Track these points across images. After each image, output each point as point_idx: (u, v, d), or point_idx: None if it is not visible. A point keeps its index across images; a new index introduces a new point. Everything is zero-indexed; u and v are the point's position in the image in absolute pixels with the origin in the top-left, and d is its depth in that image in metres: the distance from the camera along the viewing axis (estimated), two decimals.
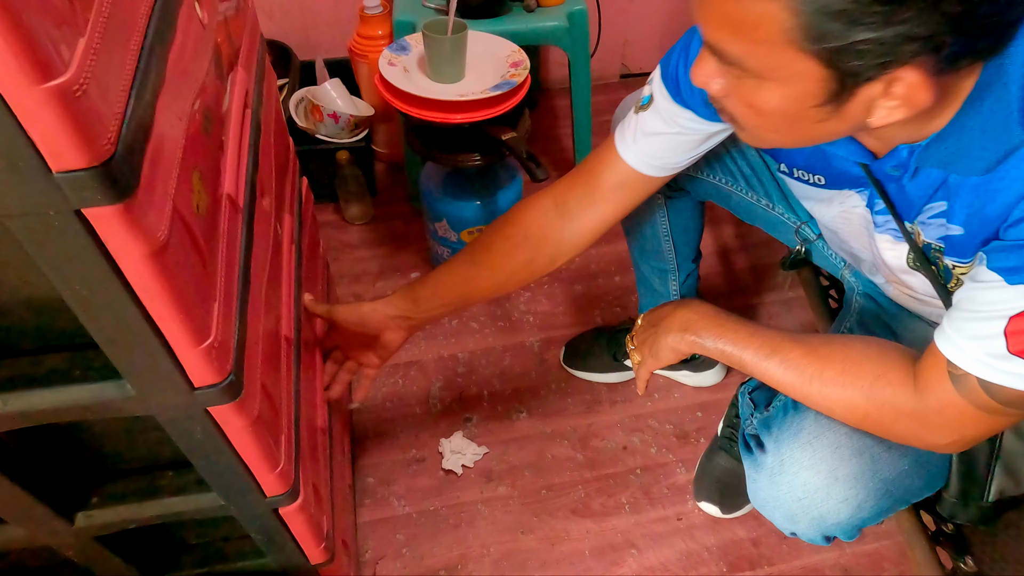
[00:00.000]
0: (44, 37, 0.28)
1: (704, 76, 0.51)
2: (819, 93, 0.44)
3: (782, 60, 0.43)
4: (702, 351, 0.65)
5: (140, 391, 0.46)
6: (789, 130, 0.50)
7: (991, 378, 0.49)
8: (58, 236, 0.34)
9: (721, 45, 0.46)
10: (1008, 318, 0.47)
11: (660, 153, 0.69)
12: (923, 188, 0.54)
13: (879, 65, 0.41)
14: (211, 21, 0.56)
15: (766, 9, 0.41)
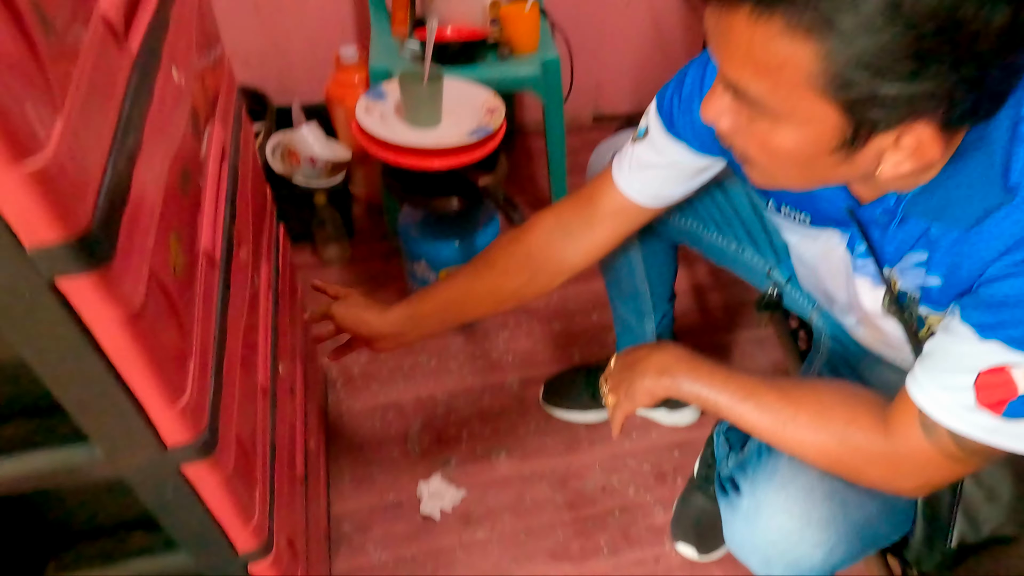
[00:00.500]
0: (20, 116, 0.29)
1: (715, 113, 0.51)
2: (833, 139, 0.45)
3: (802, 103, 0.44)
4: (677, 395, 0.66)
5: (109, 454, 0.45)
6: (800, 172, 0.51)
7: (960, 429, 0.50)
8: (30, 309, 0.34)
9: (741, 83, 0.46)
10: (978, 372, 0.49)
11: (653, 183, 0.71)
12: (907, 236, 0.55)
13: (896, 118, 0.43)
14: (187, 82, 0.57)
15: (794, 52, 0.41)
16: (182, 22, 0.57)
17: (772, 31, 0.41)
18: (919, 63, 0.39)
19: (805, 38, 0.40)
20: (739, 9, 0.42)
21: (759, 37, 0.42)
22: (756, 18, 0.41)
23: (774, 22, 0.41)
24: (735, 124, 0.50)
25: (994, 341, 0.48)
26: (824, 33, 0.39)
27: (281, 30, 1.49)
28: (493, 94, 1.14)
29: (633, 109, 1.86)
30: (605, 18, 1.68)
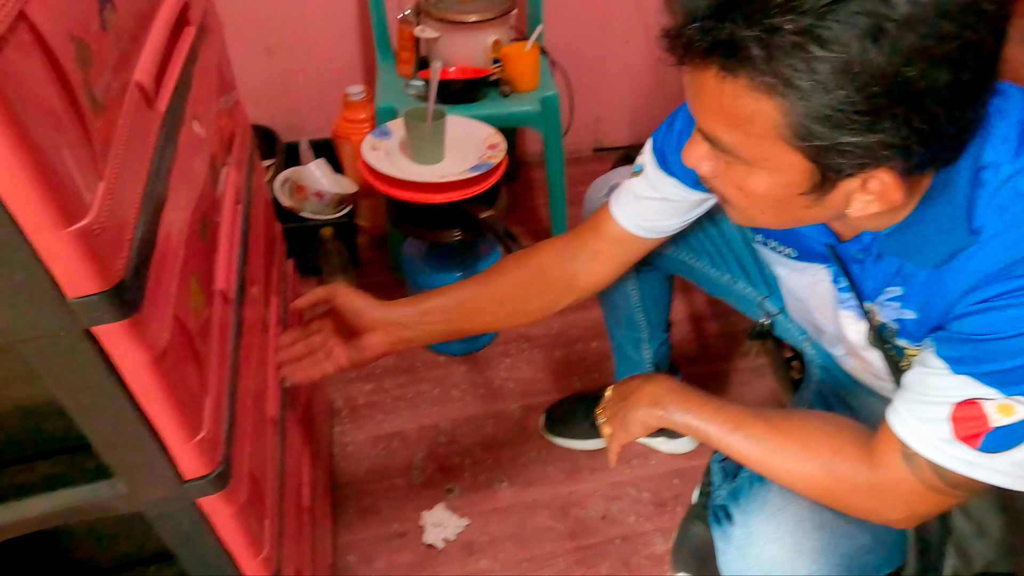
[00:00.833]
0: (70, 186, 0.32)
1: (695, 158, 0.55)
2: (803, 183, 0.48)
3: (772, 152, 0.47)
4: (670, 425, 0.69)
5: (131, 488, 0.48)
6: (775, 212, 0.54)
7: (939, 461, 0.52)
8: (67, 353, 0.37)
9: (715, 134, 0.49)
10: (953, 405, 0.51)
11: (649, 216, 0.75)
12: (883, 272, 0.58)
13: (858, 165, 0.45)
14: (207, 132, 0.61)
15: (759, 107, 0.44)
16: (203, 78, 0.61)
17: (738, 89, 0.44)
18: (872, 117, 0.42)
19: (768, 95, 0.43)
20: (707, 70, 0.45)
21: (728, 94, 0.45)
22: (723, 78, 0.45)
23: (739, 81, 0.44)
24: (714, 169, 0.54)
25: (965, 376, 0.50)
26: (783, 91, 0.43)
27: (291, 71, 1.55)
28: (494, 131, 1.19)
29: (632, 141, 1.91)
30: (604, 55, 1.74)
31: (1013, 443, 0.50)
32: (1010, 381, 0.49)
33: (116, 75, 0.40)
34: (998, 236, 0.49)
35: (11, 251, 0.31)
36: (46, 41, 0.30)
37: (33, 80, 0.30)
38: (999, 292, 0.49)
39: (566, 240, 0.81)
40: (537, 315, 0.82)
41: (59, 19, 0.32)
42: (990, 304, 0.49)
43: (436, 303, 0.78)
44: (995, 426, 0.49)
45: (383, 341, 0.77)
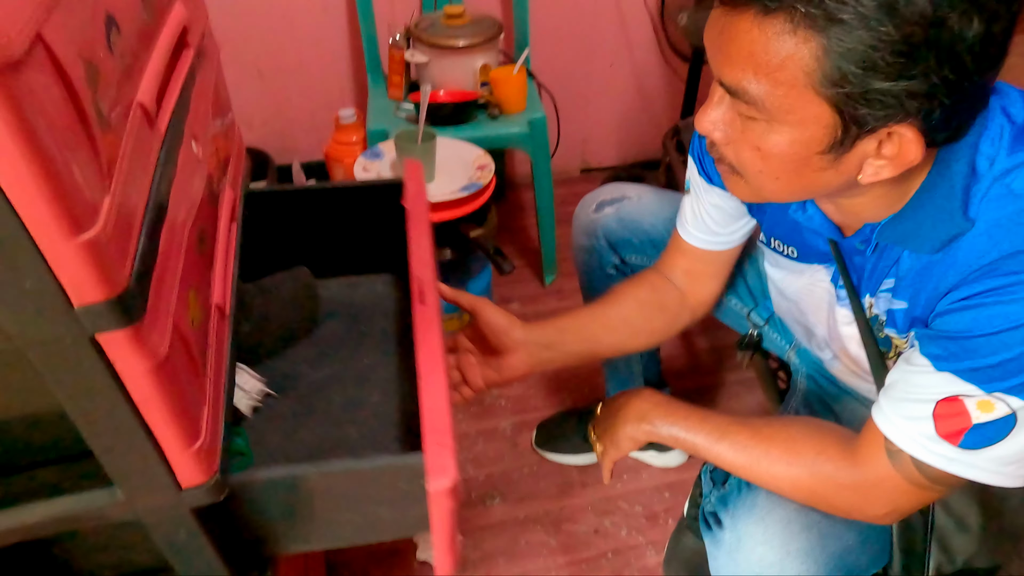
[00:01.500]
0: (79, 197, 0.34)
1: (710, 122, 0.54)
2: (824, 139, 0.49)
3: (798, 102, 0.47)
4: (658, 439, 0.70)
5: (129, 496, 0.48)
6: (789, 177, 0.53)
7: (923, 457, 0.54)
8: (72, 360, 0.38)
9: (741, 84, 0.49)
10: (935, 402, 0.53)
11: (709, 228, 0.77)
12: (881, 263, 0.60)
13: (883, 116, 0.46)
14: (204, 151, 0.63)
15: (795, 50, 0.45)
16: (201, 100, 0.63)
17: (775, 30, 0.45)
18: (906, 60, 0.43)
19: (805, 35, 0.44)
20: (746, 11, 0.46)
21: (763, 37, 0.46)
22: (762, 19, 0.45)
23: (777, 21, 0.45)
24: (727, 134, 0.54)
25: (947, 373, 0.52)
26: (823, 30, 0.43)
27: (283, 94, 1.58)
28: (483, 152, 1.21)
29: (619, 161, 1.95)
30: (590, 78, 1.78)
31: (993, 440, 0.52)
32: (989, 378, 0.50)
33: (120, 95, 0.42)
34: (985, 231, 0.51)
35: (22, 259, 0.33)
36: (59, 61, 0.32)
37: (47, 98, 0.32)
38: (980, 290, 0.51)
39: (662, 263, 0.84)
40: (661, 334, 0.84)
41: (71, 41, 0.34)
42: (971, 302, 0.51)
43: (571, 323, 0.80)
44: (976, 423, 0.51)
45: (524, 362, 0.76)
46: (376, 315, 0.88)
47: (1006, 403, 0.50)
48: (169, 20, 0.55)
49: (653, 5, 1.65)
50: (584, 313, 0.82)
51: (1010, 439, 0.51)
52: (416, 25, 1.38)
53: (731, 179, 0.58)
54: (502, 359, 0.76)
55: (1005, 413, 0.50)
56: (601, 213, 0.95)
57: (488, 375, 0.77)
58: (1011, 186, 0.50)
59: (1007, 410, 0.50)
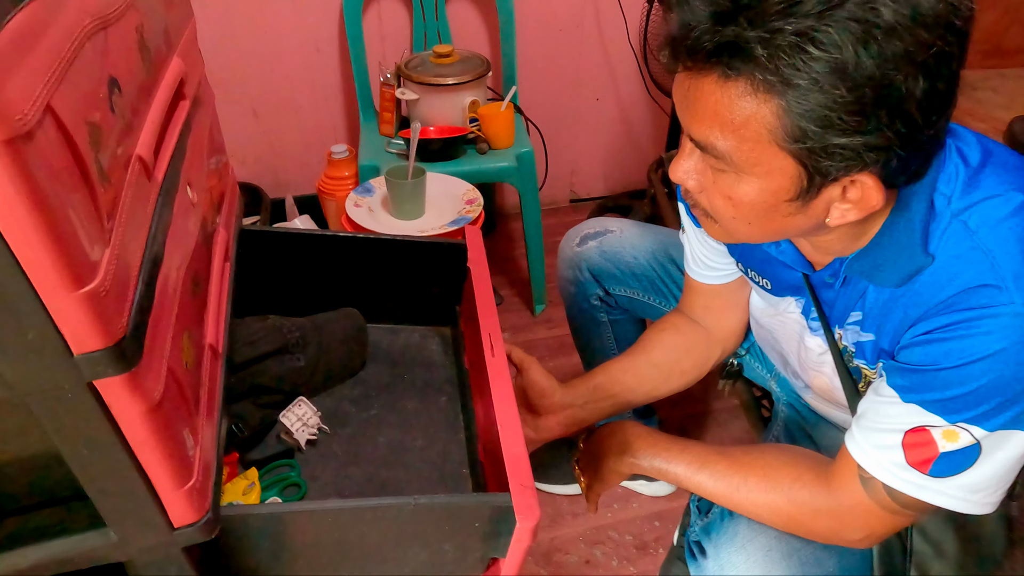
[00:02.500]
0: (81, 252, 0.36)
1: (683, 173, 0.57)
2: (791, 188, 0.51)
3: (764, 156, 0.49)
4: (640, 471, 0.72)
5: (122, 537, 0.50)
6: (760, 222, 0.55)
7: (893, 484, 0.56)
8: (70, 406, 0.40)
9: (708, 140, 0.51)
10: (904, 431, 0.55)
11: (709, 263, 0.80)
12: (849, 297, 0.63)
13: (843, 167, 0.48)
14: (199, 197, 0.65)
15: (757, 109, 0.47)
16: (196, 146, 0.65)
17: (738, 91, 0.47)
18: (860, 118, 0.45)
19: (765, 97, 0.47)
20: (709, 75, 0.48)
21: (726, 97, 0.48)
22: (724, 81, 0.48)
23: (739, 83, 0.47)
24: (700, 183, 0.57)
25: (913, 404, 0.55)
26: (781, 90, 0.46)
27: (277, 131, 1.61)
28: (472, 187, 1.24)
29: (606, 191, 1.99)
30: (577, 112, 1.83)
31: (960, 468, 0.54)
32: (952, 409, 0.53)
33: (120, 150, 0.44)
34: (944, 265, 0.54)
35: (26, 312, 0.35)
36: (66, 128, 0.35)
37: (53, 160, 0.34)
38: (941, 324, 0.53)
39: (683, 305, 0.86)
40: (692, 373, 0.85)
41: (76, 107, 0.37)
42: (933, 336, 0.54)
43: (601, 379, 0.82)
44: (943, 451, 0.53)
45: (560, 424, 0.80)
46: (416, 364, 0.93)
47: (969, 432, 0.52)
48: (167, 75, 0.58)
49: (636, 42, 1.71)
50: (615, 366, 0.83)
51: (976, 467, 0.53)
52: (406, 64, 1.42)
53: (706, 222, 0.61)
54: (539, 419, 0.80)
55: (969, 443, 0.53)
56: (585, 247, 0.97)
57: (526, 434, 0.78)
58: (967, 223, 0.53)
59: (971, 439, 0.53)
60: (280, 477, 0.76)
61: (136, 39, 0.49)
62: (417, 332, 0.99)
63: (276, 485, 0.75)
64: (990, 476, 0.54)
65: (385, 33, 1.56)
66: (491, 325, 0.77)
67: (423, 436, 0.84)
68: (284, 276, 0.93)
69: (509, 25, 1.52)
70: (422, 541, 0.61)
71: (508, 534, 0.60)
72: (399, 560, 0.63)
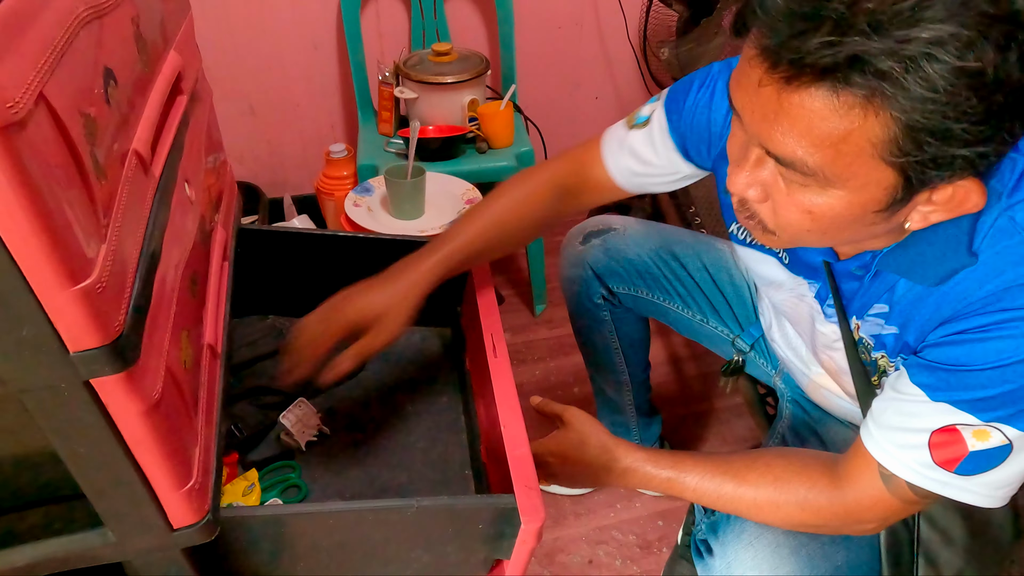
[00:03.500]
0: (76, 248, 0.35)
1: (745, 185, 0.51)
2: (884, 200, 0.46)
3: (862, 170, 0.44)
4: (642, 487, 0.70)
5: (120, 537, 0.49)
6: (836, 232, 0.51)
7: (917, 482, 0.54)
8: (66, 404, 0.39)
9: (797, 155, 0.45)
10: (931, 431, 0.53)
11: (641, 173, 0.74)
12: (877, 289, 0.60)
13: (950, 175, 0.44)
14: (197, 194, 0.64)
15: (862, 123, 0.42)
16: (194, 142, 0.64)
17: (845, 104, 0.42)
18: (985, 127, 0.40)
19: (879, 109, 0.41)
20: (810, 87, 0.42)
21: (827, 111, 0.42)
22: (831, 94, 0.41)
23: (850, 97, 0.41)
24: (765, 193, 0.51)
25: (943, 403, 0.52)
26: (900, 105, 0.40)
27: (275, 130, 1.60)
28: (471, 186, 1.23)
29: None
30: (576, 111, 1.82)
31: (988, 466, 0.52)
32: (987, 408, 0.51)
33: (116, 144, 0.43)
34: (986, 264, 0.50)
35: (20, 308, 0.34)
36: (60, 118, 0.34)
37: (47, 152, 0.33)
38: (978, 324, 0.51)
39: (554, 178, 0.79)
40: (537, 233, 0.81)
41: (71, 97, 0.36)
42: (968, 336, 0.51)
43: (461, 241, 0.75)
44: (972, 450, 0.52)
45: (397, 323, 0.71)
46: (417, 365, 0.92)
47: (1003, 432, 0.51)
48: (164, 68, 0.57)
49: (635, 40, 1.70)
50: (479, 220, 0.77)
51: (1005, 465, 0.52)
52: (405, 62, 1.41)
53: (760, 233, 0.56)
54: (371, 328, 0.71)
55: (1001, 442, 0.51)
56: (587, 245, 0.96)
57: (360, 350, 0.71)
58: (1015, 217, 0.50)
59: (1003, 439, 0.51)
60: (281, 478, 0.75)
61: (132, 30, 0.48)
62: (418, 333, 0.98)
63: (277, 486, 0.74)
64: (1016, 473, 0.52)
65: (383, 31, 1.55)
66: (493, 326, 0.76)
67: (425, 437, 0.83)
68: (283, 276, 0.92)
69: (508, 23, 1.51)
70: (425, 543, 0.60)
71: (512, 536, 0.59)
72: (402, 562, 0.62)
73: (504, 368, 0.71)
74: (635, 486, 0.70)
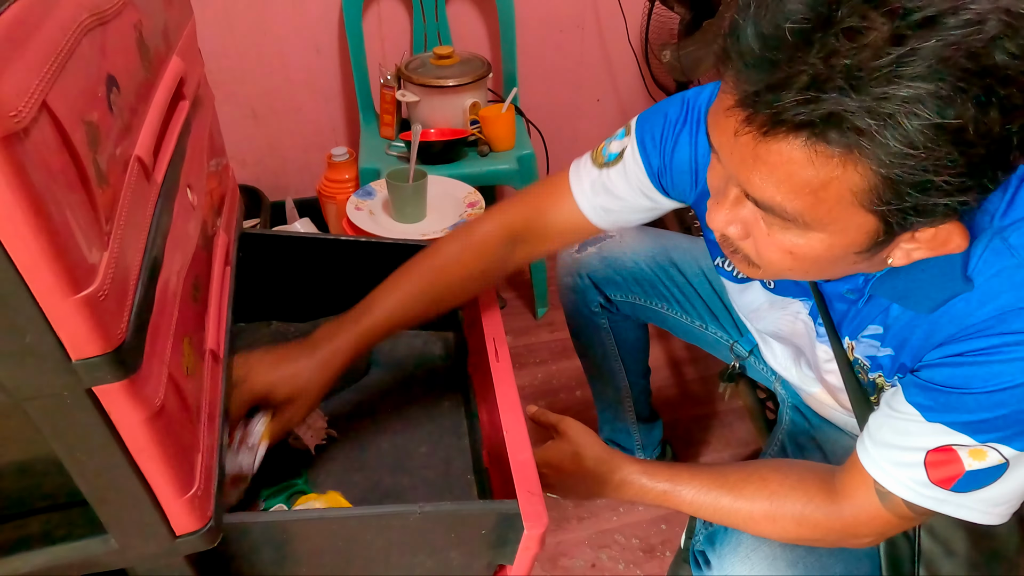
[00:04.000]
0: (78, 255, 0.35)
1: (724, 223, 0.51)
2: (865, 242, 0.46)
3: (842, 216, 0.44)
4: (638, 501, 0.70)
5: (123, 544, 0.48)
6: (818, 271, 0.51)
7: (914, 500, 0.54)
8: (68, 412, 0.39)
9: (775, 201, 0.45)
10: (926, 451, 0.53)
11: (616, 210, 0.72)
12: (869, 312, 0.60)
13: (931, 221, 0.44)
14: (199, 199, 0.64)
15: (841, 173, 0.41)
16: (196, 147, 0.64)
17: (823, 156, 0.41)
18: (966, 178, 0.40)
19: (857, 160, 0.41)
20: (787, 139, 0.42)
21: (805, 160, 0.42)
22: (810, 147, 0.41)
23: (827, 148, 0.41)
24: (746, 231, 0.51)
25: (938, 424, 0.52)
26: (878, 158, 0.40)
27: (277, 134, 1.60)
28: (473, 189, 1.23)
29: None
30: (578, 114, 1.82)
31: (983, 484, 0.52)
32: (983, 430, 0.50)
33: (118, 150, 0.43)
34: (981, 288, 0.50)
35: (22, 316, 0.34)
36: (63, 126, 0.34)
37: (50, 160, 0.33)
38: (972, 349, 0.50)
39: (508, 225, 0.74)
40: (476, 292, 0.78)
41: (74, 105, 0.36)
42: (964, 359, 0.51)
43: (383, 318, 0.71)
44: (968, 469, 0.52)
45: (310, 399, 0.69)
46: (419, 369, 0.92)
47: (999, 452, 0.51)
48: (166, 74, 0.57)
49: (637, 42, 1.70)
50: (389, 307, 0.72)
51: (1001, 482, 0.52)
52: (407, 65, 1.41)
53: (745, 267, 0.55)
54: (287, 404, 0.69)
55: (998, 461, 0.51)
56: (584, 253, 0.96)
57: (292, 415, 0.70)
58: (1008, 240, 0.49)
59: (999, 459, 0.51)
60: (286, 484, 0.75)
61: (135, 36, 0.48)
62: (420, 337, 0.98)
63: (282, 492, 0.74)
64: (1013, 489, 0.52)
65: (385, 34, 1.55)
66: (495, 330, 0.76)
67: (427, 442, 0.83)
68: (285, 280, 0.92)
69: (509, 26, 1.51)
70: (428, 549, 0.60)
71: (516, 541, 0.59)
72: (405, 568, 0.62)
73: (506, 373, 0.70)
74: (631, 499, 0.70)
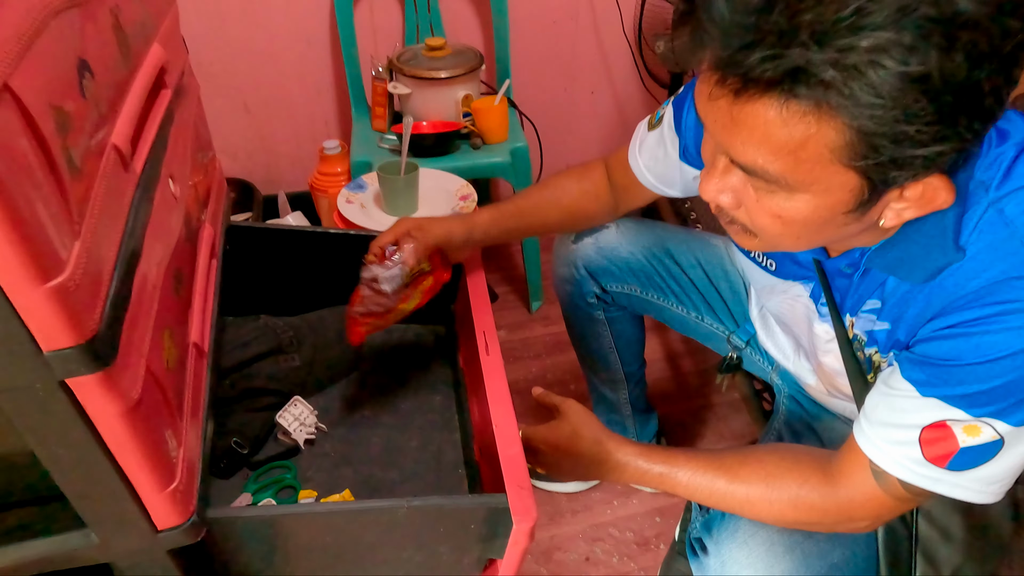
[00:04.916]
0: (47, 244, 0.34)
1: (716, 191, 0.52)
2: (850, 201, 0.46)
3: (823, 175, 0.45)
4: (633, 482, 0.70)
5: (104, 539, 0.48)
6: (809, 236, 0.52)
7: (909, 479, 0.54)
8: (42, 405, 0.38)
9: (757, 164, 0.46)
10: (922, 427, 0.53)
11: (656, 170, 0.78)
12: (867, 286, 0.60)
13: (913, 174, 0.44)
14: (182, 190, 0.63)
15: (819, 129, 0.42)
16: (179, 138, 0.63)
17: (798, 113, 0.42)
18: (940, 127, 0.41)
19: (831, 116, 0.41)
20: (761, 99, 0.42)
21: (781, 120, 0.43)
22: (783, 105, 0.42)
23: (800, 105, 0.42)
24: (737, 199, 0.52)
25: (933, 398, 0.52)
26: (850, 111, 0.41)
27: (268, 127, 1.59)
28: (466, 182, 1.22)
29: None
30: (571, 106, 1.81)
31: (978, 462, 0.52)
32: (977, 403, 0.50)
33: (93, 139, 0.42)
34: (975, 258, 0.50)
35: None
36: (27, 110, 0.33)
37: (14, 147, 0.32)
38: (965, 320, 0.50)
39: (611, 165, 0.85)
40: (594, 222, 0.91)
41: (40, 89, 0.35)
42: (957, 330, 0.51)
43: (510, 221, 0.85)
44: (963, 446, 0.51)
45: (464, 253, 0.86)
46: (410, 363, 0.91)
47: (993, 428, 0.50)
48: (146, 62, 0.56)
49: (631, 33, 1.68)
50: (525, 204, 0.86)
51: (996, 461, 0.52)
52: (398, 57, 1.40)
53: (742, 237, 0.56)
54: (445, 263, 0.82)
55: (992, 438, 0.51)
56: (580, 243, 0.95)
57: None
58: (1003, 211, 0.49)
59: (994, 435, 0.50)
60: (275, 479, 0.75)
61: (111, 21, 0.47)
62: (411, 331, 0.98)
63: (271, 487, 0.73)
64: (1008, 468, 0.52)
65: (377, 26, 1.53)
66: (485, 324, 0.75)
67: (418, 436, 0.82)
68: (276, 273, 0.91)
69: (502, 17, 1.50)
70: (417, 543, 0.60)
71: (505, 535, 0.58)
72: (394, 562, 0.61)
73: (497, 366, 0.70)
74: (627, 481, 0.69)
